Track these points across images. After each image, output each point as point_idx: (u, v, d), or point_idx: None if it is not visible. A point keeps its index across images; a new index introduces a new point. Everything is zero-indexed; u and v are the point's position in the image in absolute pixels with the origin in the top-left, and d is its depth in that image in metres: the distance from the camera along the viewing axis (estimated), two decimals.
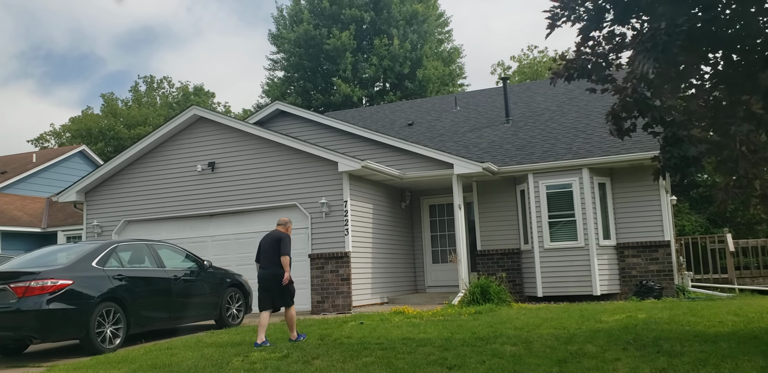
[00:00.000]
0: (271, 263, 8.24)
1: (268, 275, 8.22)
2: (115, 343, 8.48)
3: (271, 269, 8.21)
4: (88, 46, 70.49)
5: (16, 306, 7.75)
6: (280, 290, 8.19)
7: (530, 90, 19.93)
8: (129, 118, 40.26)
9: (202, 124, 14.37)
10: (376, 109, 22.47)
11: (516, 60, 39.76)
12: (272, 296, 8.22)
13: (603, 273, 13.13)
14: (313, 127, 15.46)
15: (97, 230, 14.76)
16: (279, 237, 8.36)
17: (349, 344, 7.56)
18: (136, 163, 14.81)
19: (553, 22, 6.45)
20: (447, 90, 34.00)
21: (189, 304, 9.94)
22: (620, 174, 13.66)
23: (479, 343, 7.22)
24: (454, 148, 15.70)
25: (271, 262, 8.24)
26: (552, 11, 6.43)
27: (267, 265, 8.28)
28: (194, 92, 43.90)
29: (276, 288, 8.17)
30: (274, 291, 8.19)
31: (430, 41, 34.48)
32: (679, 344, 6.57)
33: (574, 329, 7.89)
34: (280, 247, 8.24)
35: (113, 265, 8.98)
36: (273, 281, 8.18)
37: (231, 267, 12.06)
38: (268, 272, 8.23)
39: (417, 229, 15.83)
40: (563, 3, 6.36)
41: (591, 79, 6.81)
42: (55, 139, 43.63)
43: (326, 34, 32.51)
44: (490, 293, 11.66)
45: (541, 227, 13.51)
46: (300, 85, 34.16)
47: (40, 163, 24.55)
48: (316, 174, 13.12)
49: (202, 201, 14.02)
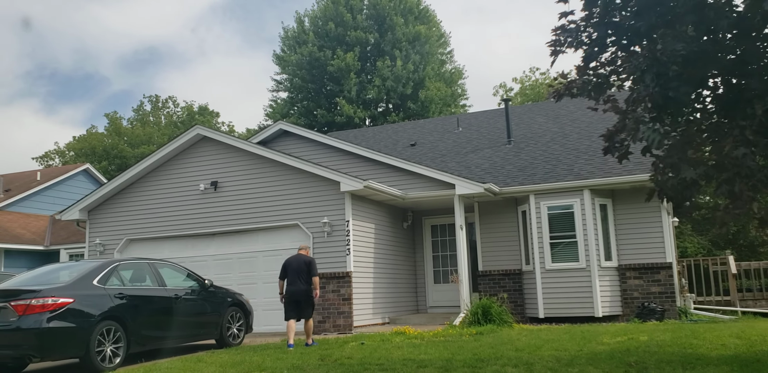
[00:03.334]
0: (300, 280, 9.94)
1: (299, 291, 9.92)
2: (115, 362, 8.43)
3: (300, 285, 9.92)
4: (93, 65, 71.24)
5: (16, 324, 7.73)
6: (308, 303, 9.98)
7: (532, 111, 20.05)
8: (133, 137, 40.51)
9: (206, 144, 14.47)
10: (379, 130, 22.61)
11: (518, 82, 40.09)
12: (300, 308, 9.96)
13: (605, 294, 13.08)
14: (315, 147, 15.55)
15: (100, 249, 14.78)
16: (309, 260, 10.13)
17: (349, 365, 7.52)
18: (139, 182, 14.88)
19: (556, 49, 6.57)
20: (449, 111, 34.21)
21: (190, 323, 9.91)
22: (622, 195, 13.68)
23: (480, 364, 7.18)
24: (456, 168, 15.77)
25: (300, 280, 9.94)
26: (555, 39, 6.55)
27: (296, 282, 9.94)
28: (199, 112, 44.20)
29: (304, 302, 9.95)
30: (302, 304, 9.95)
31: (432, 62, 34.79)
32: (681, 367, 6.53)
33: (575, 351, 7.85)
34: (310, 269, 10.01)
35: (114, 283, 8.98)
36: (303, 295, 9.92)
37: (232, 286, 12.05)
38: (298, 289, 9.93)
39: (419, 249, 15.83)
40: (565, 31, 6.47)
41: (592, 97, 6.88)
42: (60, 157, 43.85)
43: (330, 55, 32.83)
44: (491, 314, 11.61)
45: (542, 247, 13.50)
46: (303, 105, 34.41)
47: (44, 181, 24.65)
48: (319, 194, 13.17)
49: (204, 220, 14.06)
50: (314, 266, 10.09)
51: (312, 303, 10.05)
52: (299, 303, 9.94)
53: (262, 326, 12.59)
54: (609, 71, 6.77)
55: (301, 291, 9.92)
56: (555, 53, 6.63)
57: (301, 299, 9.92)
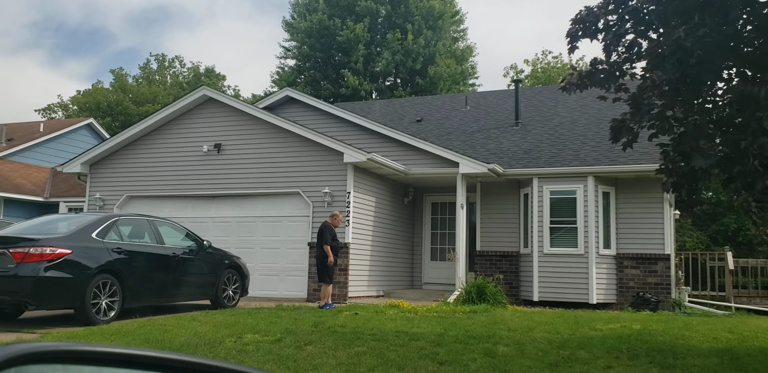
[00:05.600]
0: (317, 246, 10.88)
1: (317, 255, 10.97)
2: (110, 315, 8.48)
3: (317, 250, 10.89)
4: (100, 20, 70.42)
5: (13, 271, 7.75)
6: (320, 268, 10.81)
7: (542, 94, 19.88)
8: (138, 95, 40.20)
9: (211, 105, 14.34)
10: (386, 104, 22.43)
11: (529, 64, 39.67)
12: (317, 271, 10.98)
13: (600, 282, 13.12)
14: (321, 117, 15.43)
15: (100, 203, 14.74)
16: (322, 228, 10.92)
17: (342, 333, 7.56)
18: (142, 140, 14.78)
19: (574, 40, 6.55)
20: (457, 89, 33.93)
21: (186, 282, 9.95)
22: (625, 184, 13.63)
23: (472, 341, 7.21)
24: (461, 147, 15.67)
25: (317, 245, 10.88)
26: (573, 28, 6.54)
27: (317, 247, 10.96)
28: (205, 73, 43.82)
29: (319, 264, 10.82)
30: (319, 267, 10.84)
31: (444, 38, 34.36)
32: (671, 357, 6.56)
33: (567, 335, 7.88)
34: (322, 236, 10.79)
35: (113, 238, 8.96)
36: (318, 260, 10.90)
37: (230, 249, 12.04)
38: (316, 254, 10.98)
39: (417, 225, 15.82)
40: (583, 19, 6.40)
41: (603, 86, 6.83)
42: (63, 111, 43.56)
43: (340, 25, 32.40)
44: (486, 294, 11.65)
45: (542, 231, 13.49)
46: (310, 74, 34.07)
47: (47, 133, 24.51)
48: (321, 163, 13.10)
49: (205, 182, 14.00)
50: (326, 233, 10.73)
51: (324, 269, 10.75)
52: (316, 266, 11.02)
53: (258, 290, 12.63)
54: (623, 59, 6.71)
55: (317, 256, 10.91)
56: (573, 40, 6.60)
57: (317, 263, 10.93)
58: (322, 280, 10.92)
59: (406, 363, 6.07)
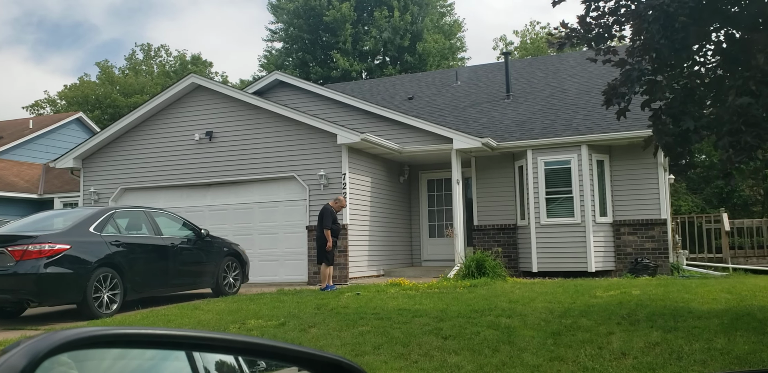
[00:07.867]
0: (318, 229, 10.91)
1: (317, 238, 11.01)
2: (112, 308, 8.51)
3: (317, 233, 10.94)
4: (81, 13, 69.47)
5: (13, 269, 7.76)
6: (321, 250, 10.86)
7: (532, 66, 19.76)
8: (126, 87, 39.85)
9: (200, 93, 14.24)
10: (376, 83, 22.29)
11: (518, 35, 39.37)
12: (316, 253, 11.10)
13: (598, 250, 13.19)
14: (312, 99, 15.34)
15: (94, 197, 14.71)
16: (321, 211, 10.93)
17: (345, 314, 7.61)
18: (133, 131, 14.70)
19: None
20: (447, 64, 33.70)
21: (186, 272, 9.98)
22: (619, 152, 13.63)
23: (474, 315, 7.27)
24: (454, 122, 15.62)
25: (318, 228, 10.91)
26: None
27: (316, 229, 11.02)
28: (192, 61, 43.37)
29: (319, 247, 10.89)
30: (318, 249, 10.94)
31: (431, 14, 34.05)
32: (672, 320, 6.62)
33: (568, 304, 7.94)
34: (321, 219, 10.80)
35: (110, 231, 8.96)
36: (317, 242, 10.98)
37: (228, 237, 12.07)
38: (316, 236, 11.04)
39: (414, 203, 15.84)
40: None
41: (592, 47, 6.76)
42: (51, 106, 43.21)
43: (326, 4, 32.04)
44: (485, 267, 11.71)
45: (538, 203, 13.53)
46: (298, 56, 33.77)
47: (36, 129, 24.33)
48: (315, 146, 13.06)
49: (199, 170, 13.97)
50: (326, 217, 10.75)
51: (323, 252, 10.83)
52: (317, 249, 11.10)
53: (258, 276, 12.69)
54: (612, 21, 6.63)
55: (317, 238, 10.99)
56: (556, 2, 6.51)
57: (317, 246, 11.07)
58: (319, 261, 10.97)
59: (411, 340, 6.12)
